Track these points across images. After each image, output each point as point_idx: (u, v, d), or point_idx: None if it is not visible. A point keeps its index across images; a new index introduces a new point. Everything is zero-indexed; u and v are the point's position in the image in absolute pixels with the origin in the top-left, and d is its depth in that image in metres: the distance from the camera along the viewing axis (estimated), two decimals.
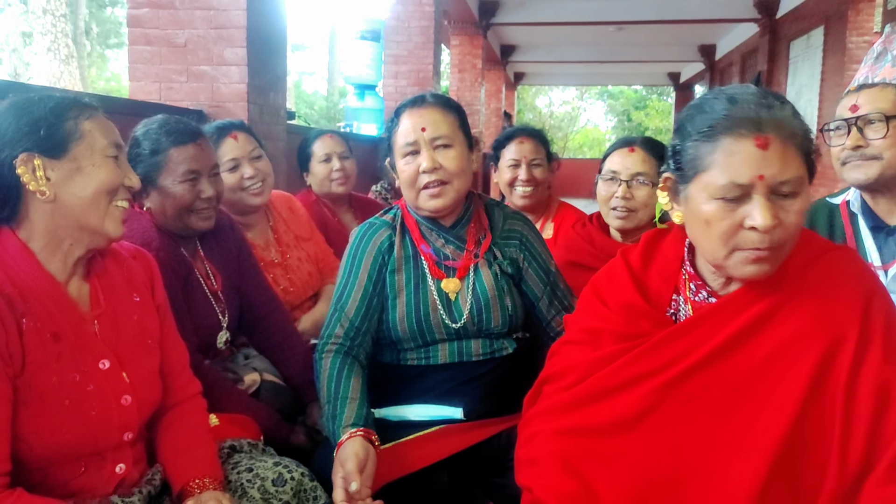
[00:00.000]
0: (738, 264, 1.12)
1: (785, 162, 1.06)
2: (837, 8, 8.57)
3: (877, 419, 1.07)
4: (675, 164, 1.18)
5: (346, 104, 7.95)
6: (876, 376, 1.08)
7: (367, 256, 1.68)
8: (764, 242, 1.08)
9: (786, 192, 1.08)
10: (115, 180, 1.24)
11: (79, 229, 1.23)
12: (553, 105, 34.30)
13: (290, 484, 1.34)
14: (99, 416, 1.21)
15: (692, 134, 1.13)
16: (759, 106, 1.08)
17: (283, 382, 1.89)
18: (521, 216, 1.82)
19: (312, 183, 2.89)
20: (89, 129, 1.22)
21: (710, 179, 1.10)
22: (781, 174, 1.06)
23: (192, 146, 1.73)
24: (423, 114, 1.65)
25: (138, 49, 3.54)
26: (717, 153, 1.09)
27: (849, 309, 1.12)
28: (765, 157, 1.06)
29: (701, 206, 1.12)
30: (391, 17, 7.91)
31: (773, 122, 1.07)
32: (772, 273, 1.13)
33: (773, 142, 1.06)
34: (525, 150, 2.67)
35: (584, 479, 1.16)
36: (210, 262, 1.83)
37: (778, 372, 1.12)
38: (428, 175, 1.62)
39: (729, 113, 1.09)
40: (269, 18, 3.70)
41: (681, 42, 14.92)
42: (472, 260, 1.69)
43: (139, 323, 1.34)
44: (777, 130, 1.06)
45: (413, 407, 1.66)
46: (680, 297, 1.27)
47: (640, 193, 2.09)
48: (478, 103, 11.52)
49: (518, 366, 1.72)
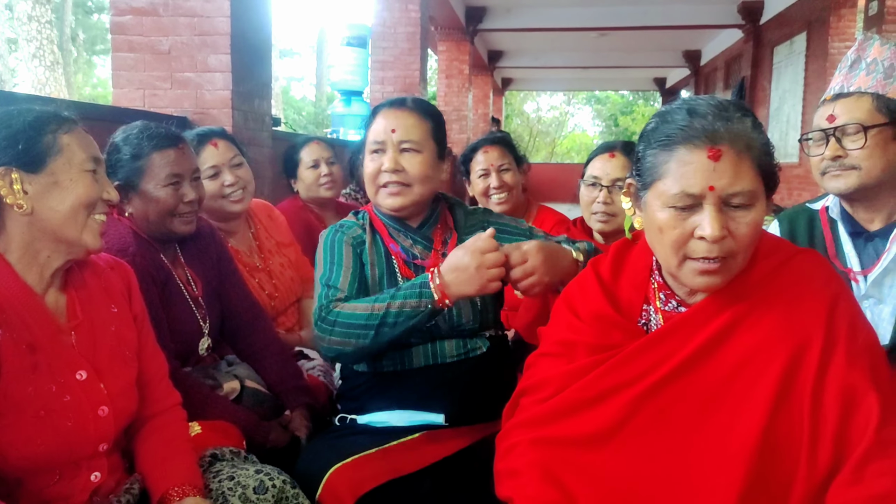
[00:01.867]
0: (688, 274, 1.14)
1: (737, 174, 1.08)
2: (820, 14, 8.66)
3: (843, 422, 1.08)
4: (636, 170, 1.20)
5: (334, 110, 7.95)
6: (841, 380, 1.09)
7: (345, 246, 1.69)
8: (712, 252, 1.10)
9: (737, 204, 1.09)
10: (92, 194, 1.24)
11: (56, 242, 1.23)
12: (541, 110, 34.47)
13: (271, 491, 1.33)
14: (75, 426, 1.20)
15: (652, 143, 1.15)
16: (717, 118, 1.10)
17: (266, 390, 1.88)
18: (481, 209, 1.85)
19: (300, 189, 2.95)
20: (68, 143, 1.22)
21: (664, 188, 1.12)
22: (732, 186, 1.08)
23: (174, 150, 1.73)
24: (399, 116, 1.66)
25: (122, 56, 3.53)
26: (672, 162, 1.11)
27: (814, 314, 1.14)
28: (716, 169, 1.07)
29: (656, 213, 1.14)
30: (377, 24, 7.92)
31: (727, 134, 1.08)
32: (723, 285, 1.15)
33: (726, 154, 1.08)
34: (492, 158, 2.71)
35: (565, 489, 1.17)
36: (190, 267, 1.83)
37: (747, 379, 1.13)
38: (388, 175, 1.64)
39: (686, 124, 1.11)
40: (254, 25, 3.69)
41: (666, 48, 15.04)
42: (440, 259, 1.69)
43: (117, 334, 1.34)
44: (731, 143, 1.08)
45: (395, 413, 1.66)
46: (650, 306, 1.28)
47: (621, 199, 2.11)
48: (465, 109, 11.55)
49: (493, 366, 1.73)
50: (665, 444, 1.14)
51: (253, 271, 2.31)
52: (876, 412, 1.07)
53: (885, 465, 1.04)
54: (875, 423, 1.06)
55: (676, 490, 1.11)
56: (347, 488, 1.44)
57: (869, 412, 1.07)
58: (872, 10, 6.98)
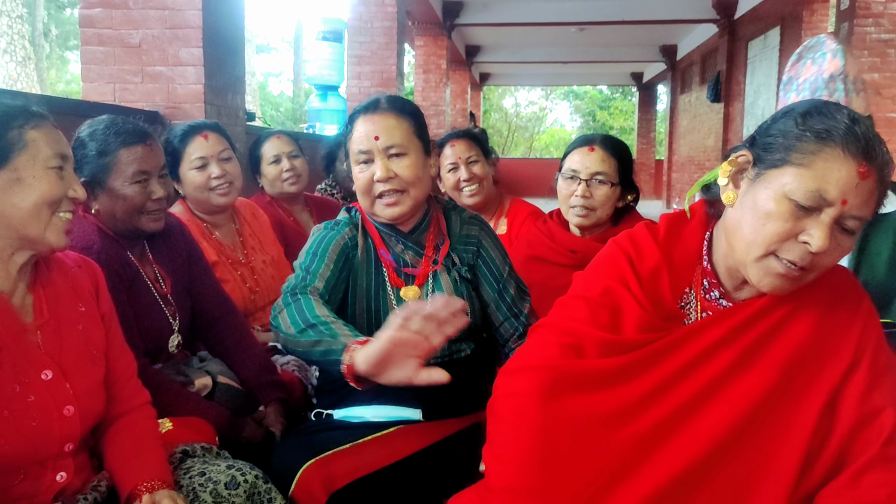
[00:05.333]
0: (763, 270, 1.11)
1: (869, 200, 1.06)
2: (793, 9, 8.76)
3: (853, 434, 1.09)
4: (761, 144, 1.13)
5: (310, 105, 7.90)
6: (860, 395, 1.10)
7: (334, 245, 1.64)
8: (805, 261, 1.07)
9: (848, 227, 1.07)
10: (56, 192, 1.22)
11: (19, 239, 1.21)
12: (519, 105, 34.51)
13: (243, 487, 1.32)
14: (40, 426, 1.18)
15: (801, 125, 1.08)
16: (871, 140, 1.06)
17: (239, 385, 1.86)
18: (478, 220, 1.80)
19: (265, 184, 2.92)
20: (34, 138, 1.19)
21: (795, 177, 1.06)
22: (860, 209, 1.05)
23: (142, 147, 1.70)
24: (377, 120, 1.62)
25: (91, 50, 3.47)
26: (820, 158, 1.05)
27: (847, 327, 1.14)
28: (858, 186, 1.04)
29: (770, 198, 1.08)
30: (353, 18, 7.86)
31: (880, 158, 1.06)
32: (788, 292, 1.13)
33: (871, 177, 1.04)
34: (459, 151, 2.74)
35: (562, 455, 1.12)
36: (158, 265, 1.81)
37: (793, 383, 1.13)
38: (383, 184, 1.60)
39: (850, 129, 1.05)
40: (226, 18, 3.65)
41: (643, 43, 15.11)
42: (432, 267, 1.68)
43: (84, 333, 1.32)
44: (879, 169, 1.05)
45: (371, 408, 1.64)
46: (692, 291, 1.25)
47: (599, 192, 2.12)
48: (443, 104, 11.53)
49: (476, 365, 1.72)
50: (694, 435, 1.12)
51: (236, 265, 2.33)
52: (889, 428, 1.07)
53: (883, 478, 1.04)
54: (885, 437, 1.07)
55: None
56: (321, 484, 1.43)
57: (882, 427, 1.08)
58: (844, 4, 7.06)
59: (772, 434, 1.11)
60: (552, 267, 2.16)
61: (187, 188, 2.28)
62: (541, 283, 2.03)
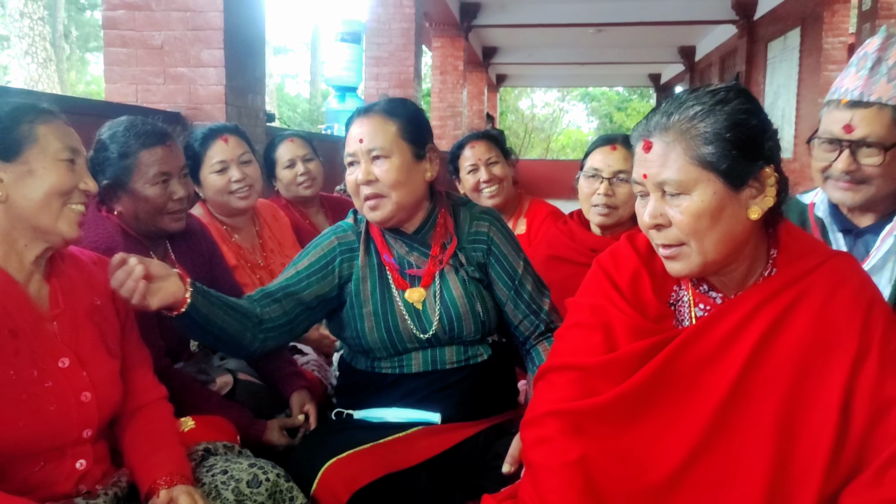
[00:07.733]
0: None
1: (664, 164, 1.11)
2: (813, 9, 8.68)
3: (871, 429, 1.07)
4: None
5: (328, 106, 7.95)
6: (873, 387, 1.08)
7: (318, 249, 1.68)
8: (657, 239, 1.16)
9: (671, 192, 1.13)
10: (66, 183, 1.25)
11: (32, 230, 1.24)
12: (535, 107, 34.44)
13: (265, 485, 1.33)
14: (57, 411, 1.21)
15: None
16: (658, 112, 1.15)
17: (260, 381, 1.87)
18: (489, 215, 1.75)
19: (280, 188, 2.88)
20: (44, 133, 1.24)
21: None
22: (659, 175, 1.12)
23: (162, 148, 1.71)
24: (365, 123, 1.61)
25: (114, 51, 3.50)
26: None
27: (849, 318, 1.12)
28: (646, 159, 1.14)
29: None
30: (371, 19, 7.89)
31: (657, 126, 1.13)
32: (684, 271, 1.16)
33: (656, 145, 1.13)
34: (479, 153, 2.73)
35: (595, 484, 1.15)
36: (181, 265, 1.81)
37: (783, 377, 1.12)
38: (364, 187, 1.60)
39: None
40: (247, 20, 3.67)
41: (660, 44, 15.05)
42: (437, 267, 1.67)
43: (99, 325, 1.34)
44: (660, 135, 1.13)
45: (391, 409, 1.65)
46: (682, 288, 1.26)
47: (622, 191, 2.12)
48: (460, 105, 11.54)
49: (494, 370, 1.71)
50: (690, 431, 1.13)
51: (255, 268, 2.33)
52: None
53: None
54: None
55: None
56: (343, 483, 1.43)
57: None
58: (866, 5, 6.99)
59: (791, 436, 1.10)
60: (572, 266, 2.15)
61: (208, 191, 2.28)
62: (560, 282, 2.02)
